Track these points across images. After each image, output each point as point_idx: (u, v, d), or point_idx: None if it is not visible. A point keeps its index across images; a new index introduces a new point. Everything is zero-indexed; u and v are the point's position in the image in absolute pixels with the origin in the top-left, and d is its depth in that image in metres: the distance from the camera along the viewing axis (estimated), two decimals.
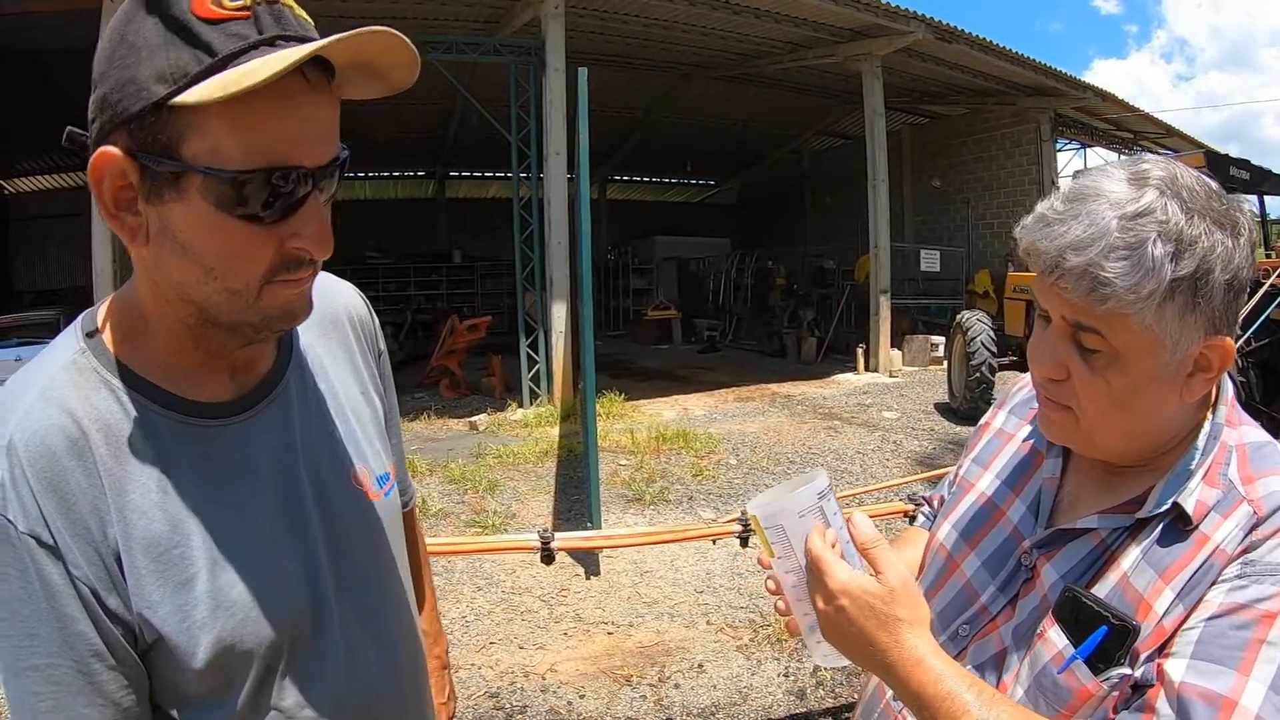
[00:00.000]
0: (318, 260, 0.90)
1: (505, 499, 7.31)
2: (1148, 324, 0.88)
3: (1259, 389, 6.74)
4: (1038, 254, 0.93)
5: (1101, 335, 0.91)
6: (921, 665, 0.91)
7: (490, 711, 3.79)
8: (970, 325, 10.40)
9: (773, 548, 1.03)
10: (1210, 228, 0.88)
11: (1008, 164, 18.58)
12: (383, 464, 1.15)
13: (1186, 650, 0.86)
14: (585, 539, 3.77)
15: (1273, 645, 0.83)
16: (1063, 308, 0.93)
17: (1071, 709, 0.92)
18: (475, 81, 13.42)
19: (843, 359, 15.52)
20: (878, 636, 0.92)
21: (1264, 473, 0.94)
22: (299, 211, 0.86)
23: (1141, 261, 0.86)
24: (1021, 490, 1.14)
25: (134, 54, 0.79)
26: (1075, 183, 0.95)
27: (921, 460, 8.33)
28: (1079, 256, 0.88)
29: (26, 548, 0.83)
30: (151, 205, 0.83)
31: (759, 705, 3.83)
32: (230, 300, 0.87)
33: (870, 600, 0.93)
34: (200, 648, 0.90)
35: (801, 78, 17.32)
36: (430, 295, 22.76)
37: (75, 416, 0.87)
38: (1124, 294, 0.87)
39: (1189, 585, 0.89)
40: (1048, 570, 1.01)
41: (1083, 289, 0.89)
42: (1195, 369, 0.93)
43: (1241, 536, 0.89)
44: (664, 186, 30.15)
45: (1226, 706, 0.81)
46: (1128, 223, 0.87)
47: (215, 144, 0.80)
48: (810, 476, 1.02)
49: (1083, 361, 0.94)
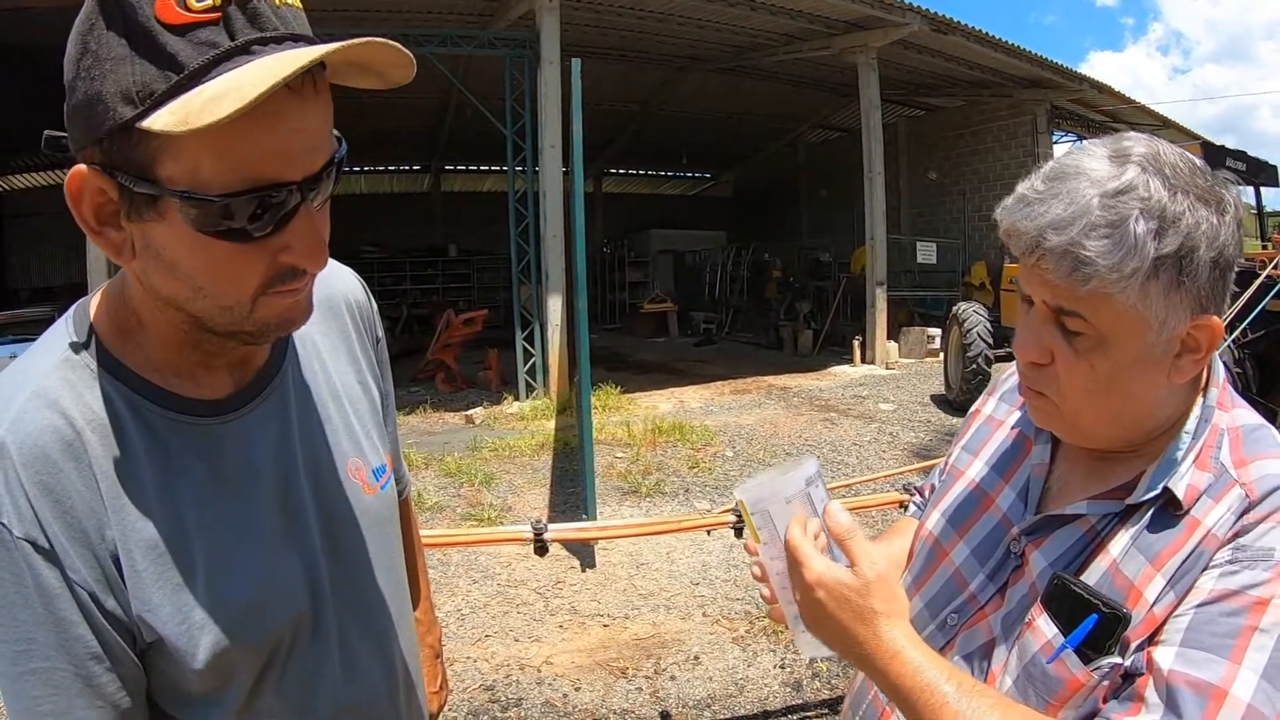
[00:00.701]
0: (313, 272, 0.87)
1: (501, 492, 7.31)
2: (1132, 304, 0.87)
3: (1256, 380, 6.76)
4: (1018, 235, 0.92)
5: (1084, 319, 0.90)
6: (899, 657, 0.90)
7: (486, 704, 3.79)
8: (966, 317, 10.43)
9: (759, 534, 1.02)
10: (1194, 204, 0.86)
11: (1004, 156, 18.56)
12: (379, 455, 1.14)
13: (1176, 638, 0.85)
14: (578, 530, 3.77)
15: (1265, 633, 0.81)
16: (1044, 291, 0.92)
17: (1061, 699, 0.91)
18: (470, 75, 13.39)
19: (839, 351, 15.53)
20: (855, 629, 0.92)
21: (1257, 456, 0.92)
22: (289, 225, 0.81)
23: (1124, 240, 0.85)
24: (1011, 477, 1.12)
25: (99, 66, 0.73)
26: (1055, 162, 0.94)
27: (918, 452, 8.34)
28: (1059, 236, 0.87)
29: (22, 552, 0.81)
30: (134, 223, 0.80)
31: (755, 697, 3.83)
32: (224, 315, 0.85)
33: (845, 592, 0.92)
34: (200, 648, 0.89)
35: (797, 70, 17.29)
36: (426, 289, 22.71)
37: (69, 417, 0.85)
38: (1106, 273, 0.85)
39: (1180, 571, 0.88)
40: (1036, 557, 1.00)
41: (1064, 269, 0.87)
42: (1183, 350, 0.92)
43: (1233, 520, 0.88)
44: (660, 180, 30.10)
45: (1217, 696, 0.80)
46: (1109, 200, 0.86)
47: (193, 166, 0.74)
48: (799, 462, 1.01)
49: (1067, 345, 0.93)
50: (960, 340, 10.36)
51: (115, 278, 0.94)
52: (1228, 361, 6.28)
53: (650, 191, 30.29)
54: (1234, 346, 6.45)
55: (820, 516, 0.98)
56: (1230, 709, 0.79)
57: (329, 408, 1.07)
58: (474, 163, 25.16)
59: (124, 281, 0.92)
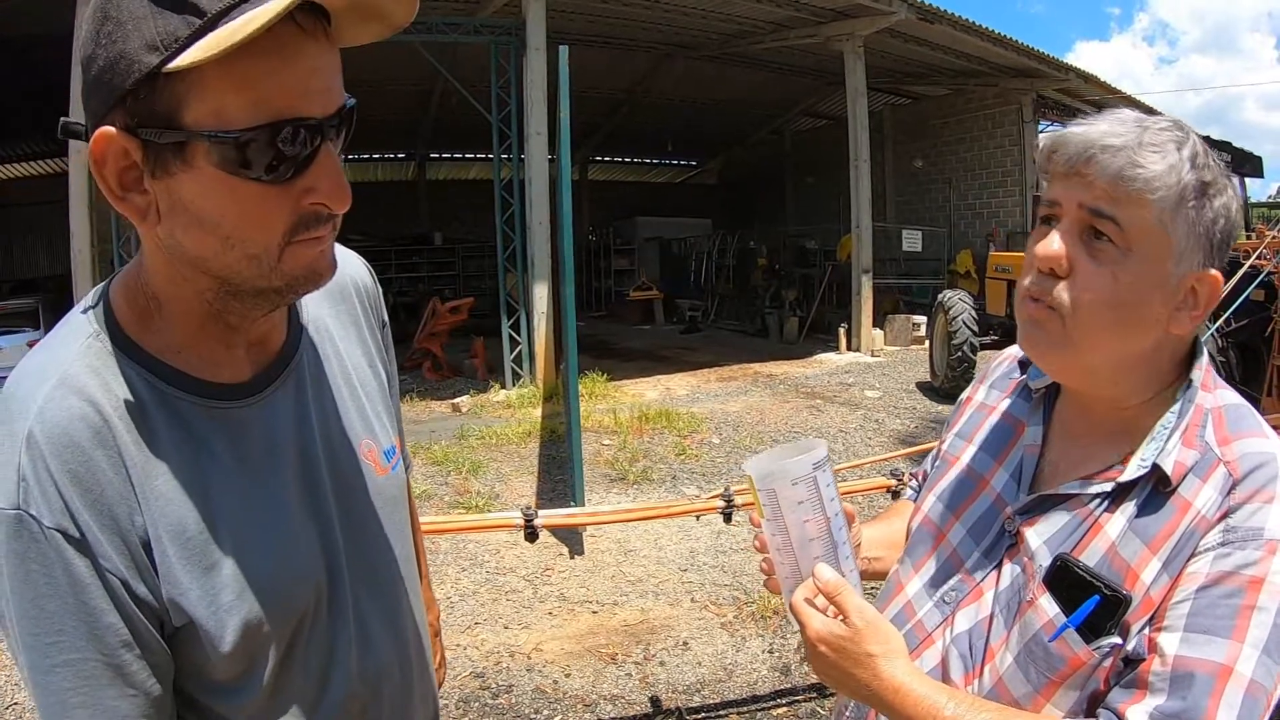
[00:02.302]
0: (337, 214, 0.88)
1: (489, 480, 7.31)
2: (1165, 221, 0.92)
3: (1239, 368, 6.85)
4: (1067, 144, 0.96)
5: (1119, 224, 0.93)
6: (900, 692, 0.97)
7: (476, 691, 3.81)
8: (952, 305, 10.48)
9: (764, 510, 1.04)
10: (1217, 164, 0.94)
11: (990, 145, 18.63)
12: (390, 437, 1.16)
13: (1179, 623, 0.88)
14: (568, 516, 3.78)
15: (1263, 610, 0.85)
16: (1084, 193, 0.95)
17: (1062, 676, 0.94)
18: (456, 62, 13.29)
19: (825, 339, 15.55)
20: (856, 673, 1.00)
21: (1240, 434, 0.95)
22: (312, 166, 0.83)
23: (1168, 157, 0.91)
24: (1004, 459, 1.14)
25: (120, 29, 0.75)
26: (1094, 115, 0.99)
27: (903, 438, 8.38)
28: (1114, 142, 0.92)
29: (53, 543, 0.81)
30: (159, 180, 0.80)
31: (744, 681, 3.86)
32: (252, 266, 0.85)
33: (842, 644, 1.00)
34: (228, 630, 0.90)
35: (784, 58, 17.26)
36: (412, 278, 22.57)
37: (96, 404, 0.85)
38: (1153, 179, 0.90)
39: (1173, 554, 0.91)
40: (1030, 536, 1.03)
41: (1113, 170, 0.92)
42: (1183, 303, 0.96)
43: (1220, 500, 0.91)
44: (646, 167, 30.02)
45: (1223, 674, 0.84)
46: (1155, 133, 0.92)
47: (218, 106, 0.77)
48: (809, 445, 1.04)
49: (1089, 256, 0.95)
50: (945, 328, 10.41)
51: (129, 265, 0.95)
52: (1212, 350, 6.35)
53: (636, 179, 30.23)
54: (1218, 335, 6.52)
55: (824, 501, 1.02)
56: (1235, 684, 0.83)
57: (342, 390, 1.09)
58: (460, 150, 25.01)
59: (139, 265, 0.92)
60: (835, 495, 1.04)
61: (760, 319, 17.60)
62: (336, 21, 0.83)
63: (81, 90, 0.81)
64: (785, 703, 3.68)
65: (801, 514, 1.02)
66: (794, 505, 1.02)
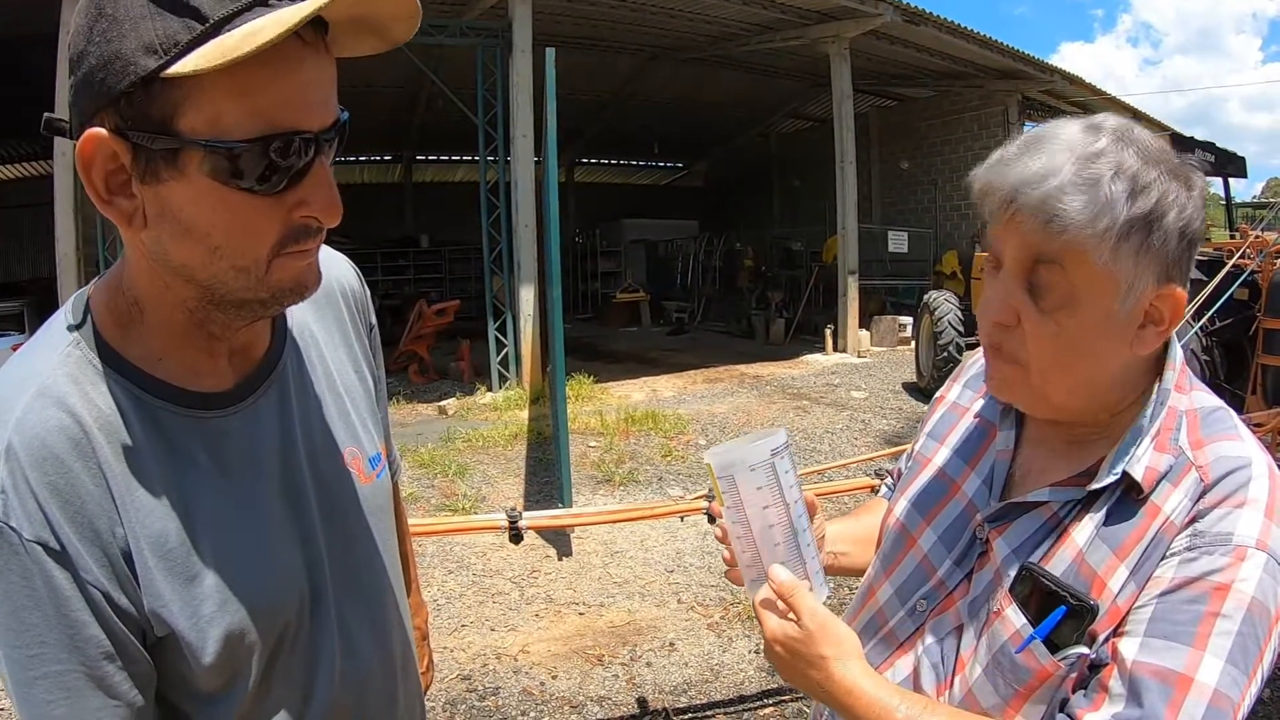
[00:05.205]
0: (325, 228, 0.87)
1: (475, 483, 7.30)
2: (1104, 262, 0.88)
3: (1223, 368, 6.87)
4: (993, 191, 0.93)
5: (1062, 268, 0.90)
6: (853, 693, 0.97)
7: (463, 694, 3.81)
8: (938, 305, 10.54)
9: (724, 498, 1.05)
10: (1164, 175, 0.88)
11: (975, 146, 18.66)
12: (375, 444, 1.14)
13: (1139, 629, 0.86)
14: (553, 518, 3.78)
15: (1227, 618, 0.82)
16: (1018, 243, 0.93)
17: (1029, 688, 0.92)
18: (442, 64, 13.26)
19: (811, 340, 15.60)
20: (810, 674, 1.00)
21: (1213, 438, 0.93)
22: (306, 178, 0.82)
23: (1097, 197, 0.86)
24: (976, 464, 1.13)
25: (115, 27, 0.74)
26: (1031, 131, 0.96)
27: (889, 438, 8.42)
28: (1035, 190, 0.88)
29: (33, 556, 0.80)
30: (148, 186, 0.79)
31: (730, 682, 3.87)
32: (239, 277, 0.84)
33: (796, 646, 1.01)
34: (210, 641, 0.89)
35: (769, 60, 17.29)
36: (398, 280, 22.51)
37: (76, 415, 0.84)
38: (1082, 226, 0.86)
39: (1141, 560, 0.89)
40: (1000, 544, 1.01)
41: (1039, 220, 0.88)
42: (1146, 320, 0.93)
43: (1190, 506, 0.89)
44: (632, 169, 30.01)
45: (1181, 683, 0.81)
46: (1083, 162, 0.88)
47: (214, 114, 0.75)
48: (769, 432, 1.04)
49: (1033, 305, 0.93)
50: (931, 328, 10.47)
51: (111, 269, 0.93)
52: (1195, 349, 6.37)
53: (622, 181, 30.20)
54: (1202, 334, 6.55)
55: (783, 488, 1.03)
56: (1196, 695, 0.80)
57: (326, 398, 1.08)
58: (446, 153, 24.96)
59: (120, 271, 0.91)
60: (795, 483, 1.05)
61: (746, 320, 17.62)
62: (334, 33, 0.82)
63: (70, 87, 0.79)
64: (772, 703, 3.69)
65: (760, 500, 1.03)
66: (753, 491, 1.02)
